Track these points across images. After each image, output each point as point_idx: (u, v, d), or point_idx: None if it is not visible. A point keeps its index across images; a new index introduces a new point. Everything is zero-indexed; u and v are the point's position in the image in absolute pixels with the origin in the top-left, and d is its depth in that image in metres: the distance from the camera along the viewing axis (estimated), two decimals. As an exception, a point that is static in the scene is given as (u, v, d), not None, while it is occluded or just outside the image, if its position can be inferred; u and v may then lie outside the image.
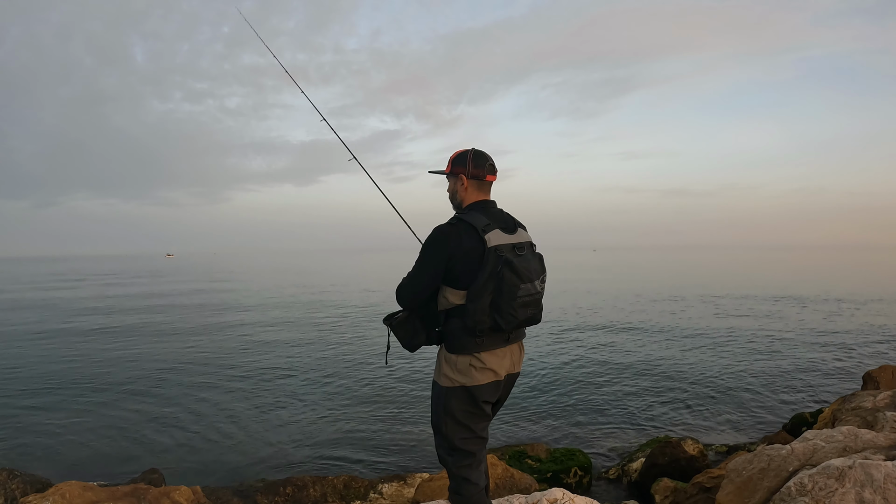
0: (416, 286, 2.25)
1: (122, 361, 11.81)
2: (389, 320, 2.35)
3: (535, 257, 2.27)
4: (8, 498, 4.09)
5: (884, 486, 2.80)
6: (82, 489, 3.68)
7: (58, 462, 6.30)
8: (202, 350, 13.19)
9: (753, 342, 13.55)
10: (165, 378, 10.26)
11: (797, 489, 2.99)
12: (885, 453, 3.34)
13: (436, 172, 2.41)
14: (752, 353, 12.12)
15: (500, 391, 2.31)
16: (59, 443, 6.94)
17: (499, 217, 2.27)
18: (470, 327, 2.14)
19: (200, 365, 11.41)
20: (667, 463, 5.34)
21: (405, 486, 4.67)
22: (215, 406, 8.47)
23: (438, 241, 2.20)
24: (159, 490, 3.84)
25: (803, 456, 3.42)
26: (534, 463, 5.47)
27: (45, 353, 12.84)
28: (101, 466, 6.16)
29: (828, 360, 11.43)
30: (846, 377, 9.96)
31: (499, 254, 2.12)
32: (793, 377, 9.95)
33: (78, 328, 17.21)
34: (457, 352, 2.20)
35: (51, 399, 8.88)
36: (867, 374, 6.76)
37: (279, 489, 4.63)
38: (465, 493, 2.33)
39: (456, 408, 2.23)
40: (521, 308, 2.14)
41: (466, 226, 2.18)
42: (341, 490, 4.69)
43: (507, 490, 4.17)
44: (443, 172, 2.38)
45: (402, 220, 3.00)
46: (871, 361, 11.00)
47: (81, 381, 10.03)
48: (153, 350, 13.22)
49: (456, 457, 2.30)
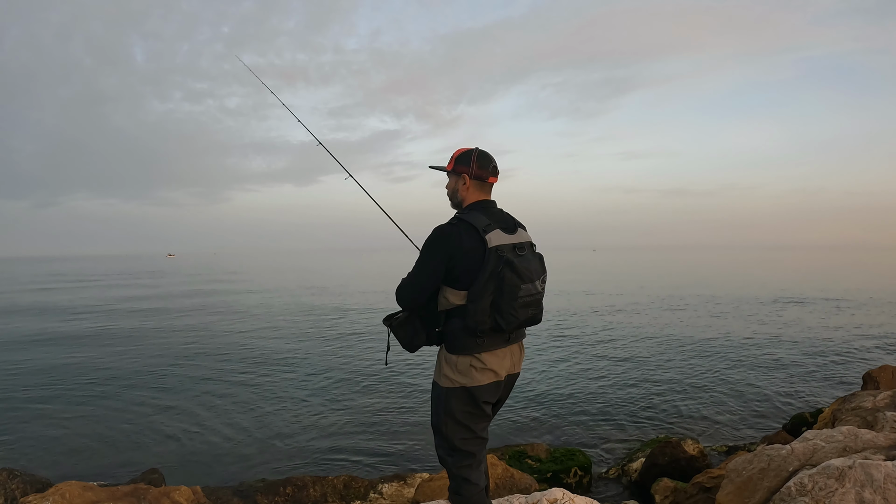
0: (416, 286, 2.24)
1: (123, 361, 11.80)
2: (389, 321, 2.34)
3: (535, 257, 2.27)
4: (8, 498, 4.09)
5: (884, 486, 2.80)
6: (82, 489, 3.68)
7: (58, 462, 6.30)
8: (202, 350, 13.19)
9: (753, 342, 13.55)
10: (166, 378, 10.26)
11: (797, 489, 2.99)
12: (885, 453, 3.34)
13: (436, 168, 2.40)
14: (752, 354, 12.12)
15: (501, 391, 2.31)
16: (59, 443, 6.94)
17: (499, 217, 2.27)
18: (471, 328, 2.13)
19: (200, 365, 11.40)
20: (667, 463, 5.34)
21: (405, 486, 4.67)
22: (215, 406, 8.47)
23: (439, 241, 2.19)
24: (159, 490, 3.84)
25: (803, 456, 3.42)
26: (534, 463, 5.47)
27: (46, 354, 12.83)
28: (101, 466, 6.16)
29: (828, 359, 11.43)
30: (846, 377, 9.96)
31: (500, 254, 2.11)
32: (793, 377, 9.95)
33: (78, 328, 17.21)
34: (457, 352, 2.20)
35: (51, 399, 8.88)
36: (867, 374, 6.76)
37: (279, 489, 4.63)
38: (465, 493, 2.33)
39: (456, 408, 2.23)
40: (521, 308, 2.14)
41: (467, 226, 2.17)
42: (341, 490, 4.69)
43: (507, 490, 4.17)
44: (444, 169, 2.37)
45: (400, 230, 3.01)
46: (871, 361, 11.00)
47: (81, 382, 10.03)
48: (153, 350, 13.21)
49: (456, 457, 2.30)
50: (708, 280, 39.17)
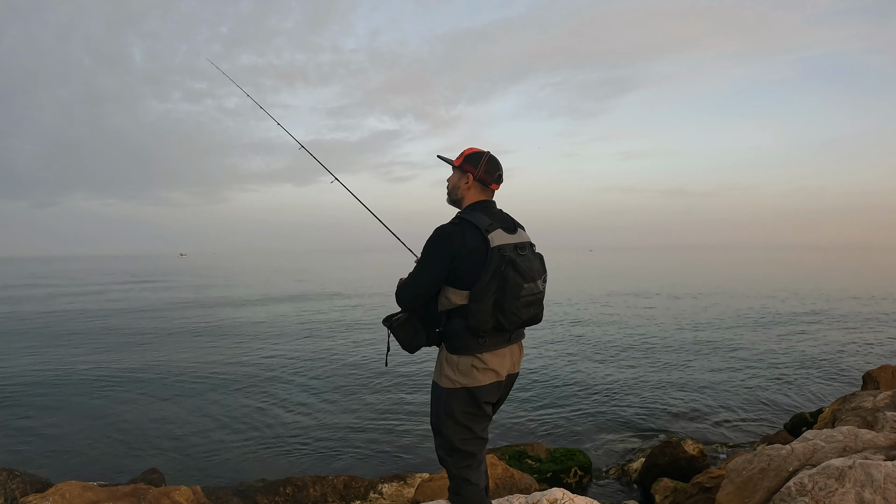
0: (418, 286, 2.23)
1: (123, 361, 11.80)
2: (389, 321, 2.33)
3: (536, 257, 2.27)
4: (8, 498, 4.08)
5: (884, 486, 2.80)
6: (82, 489, 3.67)
7: (58, 462, 6.29)
8: (202, 350, 13.19)
9: (753, 342, 13.56)
10: (166, 378, 10.25)
11: (797, 489, 2.99)
12: (885, 453, 3.34)
13: (444, 159, 2.40)
14: (752, 353, 12.13)
15: (501, 391, 2.31)
16: (59, 443, 6.93)
17: (500, 217, 2.27)
18: (473, 327, 2.12)
19: (200, 365, 11.40)
20: (667, 463, 5.34)
21: (405, 486, 4.67)
22: (215, 406, 8.46)
23: (442, 240, 2.18)
24: (159, 490, 3.84)
25: (803, 456, 3.42)
26: (534, 463, 5.47)
27: (46, 354, 12.83)
28: (101, 466, 6.16)
29: (828, 359, 11.43)
30: (846, 377, 9.96)
31: (502, 253, 2.11)
32: (792, 377, 9.95)
33: (78, 328, 17.20)
34: (459, 352, 2.19)
35: (51, 399, 8.88)
36: (867, 374, 6.76)
37: (279, 489, 4.63)
38: (465, 493, 2.32)
39: (457, 409, 2.22)
40: (523, 308, 2.14)
41: (469, 225, 2.17)
42: (341, 490, 4.69)
43: (507, 490, 4.17)
44: (451, 163, 2.37)
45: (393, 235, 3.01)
46: (871, 361, 11.01)
47: (81, 382, 10.03)
48: (153, 350, 13.21)
49: (456, 457, 2.30)
50: (708, 280, 39.17)
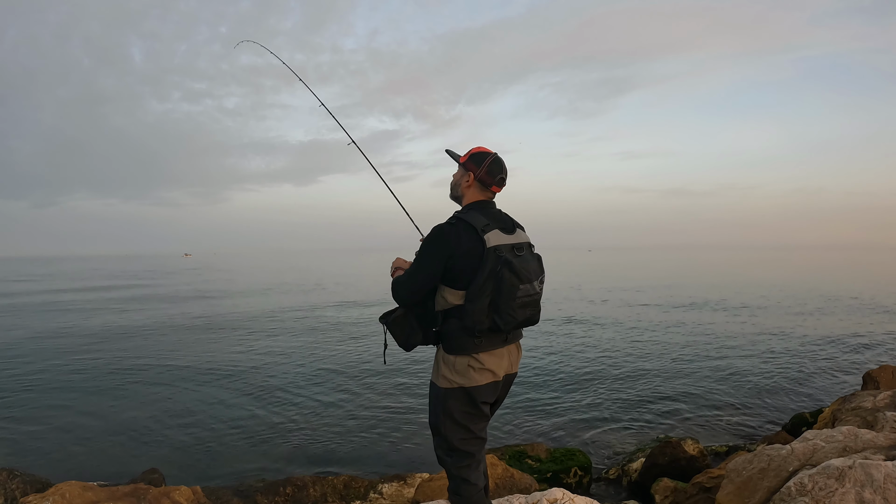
0: (413, 284, 2.24)
1: (123, 361, 11.80)
2: (385, 318, 2.34)
3: (533, 258, 2.27)
4: (8, 498, 4.08)
5: (884, 486, 2.80)
6: (82, 489, 3.67)
7: (58, 462, 6.29)
8: (202, 350, 13.18)
9: (753, 342, 13.56)
10: (166, 378, 10.25)
11: (797, 489, 2.99)
12: (885, 453, 3.34)
13: (452, 154, 2.42)
14: (752, 353, 12.12)
15: (499, 392, 2.31)
16: (59, 443, 6.93)
17: (497, 217, 2.27)
18: (468, 328, 2.13)
19: (200, 365, 11.39)
20: (667, 463, 5.34)
21: (405, 486, 4.67)
22: (215, 406, 8.46)
23: (438, 239, 2.19)
24: (159, 490, 3.84)
25: (803, 456, 3.42)
26: (534, 463, 5.47)
27: (46, 354, 12.83)
28: (101, 466, 6.16)
29: (828, 360, 11.43)
30: (846, 377, 9.96)
31: (498, 254, 2.11)
32: (792, 377, 9.95)
33: (78, 328, 17.20)
34: (455, 352, 2.20)
35: (51, 399, 8.88)
36: (867, 374, 6.76)
37: (279, 489, 4.63)
38: (464, 493, 2.33)
39: (455, 409, 2.23)
40: (519, 309, 2.14)
41: (466, 225, 2.17)
42: (341, 490, 4.69)
43: (507, 490, 4.17)
44: (458, 159, 2.38)
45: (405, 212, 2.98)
46: (871, 361, 11.01)
47: (81, 381, 10.03)
48: (154, 350, 13.21)
49: (455, 457, 2.30)
50: (707, 280, 39.17)
